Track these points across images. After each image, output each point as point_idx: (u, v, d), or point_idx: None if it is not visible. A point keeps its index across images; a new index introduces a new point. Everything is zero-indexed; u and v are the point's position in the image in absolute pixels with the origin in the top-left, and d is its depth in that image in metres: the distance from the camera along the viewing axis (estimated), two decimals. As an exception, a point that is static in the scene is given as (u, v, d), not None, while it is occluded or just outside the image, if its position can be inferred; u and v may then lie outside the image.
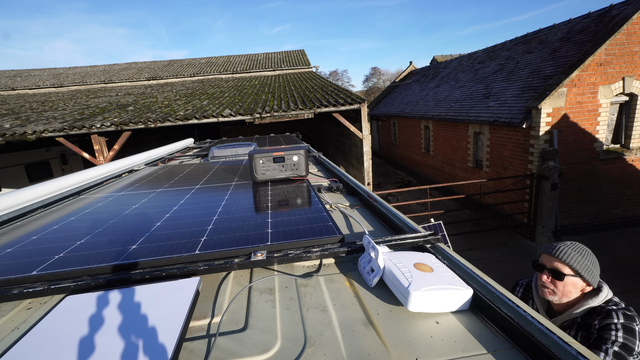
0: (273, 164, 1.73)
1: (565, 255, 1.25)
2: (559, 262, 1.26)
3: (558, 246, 1.29)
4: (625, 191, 6.76)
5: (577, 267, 1.24)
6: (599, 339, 1.15)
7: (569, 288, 1.26)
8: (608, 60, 6.19)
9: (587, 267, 1.26)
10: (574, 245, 1.29)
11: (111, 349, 0.58)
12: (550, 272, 1.28)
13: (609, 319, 1.16)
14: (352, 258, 0.95)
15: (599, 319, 1.19)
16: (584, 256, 1.27)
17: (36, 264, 0.89)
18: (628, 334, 1.11)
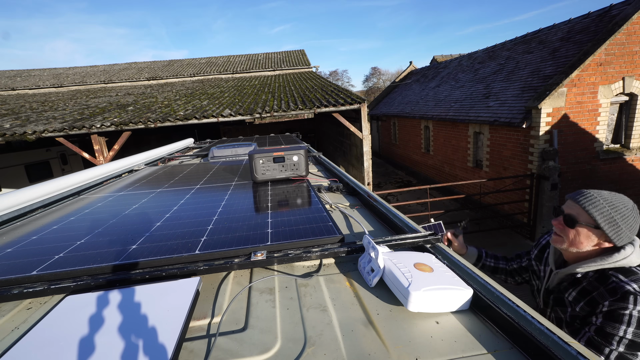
0: (273, 164, 1.73)
1: (588, 202, 1.08)
2: (577, 208, 1.10)
3: (585, 192, 1.12)
4: (625, 191, 6.75)
5: (597, 217, 1.05)
6: (602, 332, 0.98)
7: (580, 238, 1.09)
8: (608, 60, 6.19)
9: (613, 219, 1.05)
10: (611, 194, 1.10)
11: (111, 349, 0.58)
12: (564, 217, 1.12)
13: (622, 303, 0.95)
14: (352, 258, 0.95)
15: (610, 300, 0.99)
16: (615, 208, 1.06)
17: (36, 264, 0.89)
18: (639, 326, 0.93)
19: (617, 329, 0.95)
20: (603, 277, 1.06)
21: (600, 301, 1.01)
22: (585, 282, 1.09)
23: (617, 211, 1.06)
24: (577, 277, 1.11)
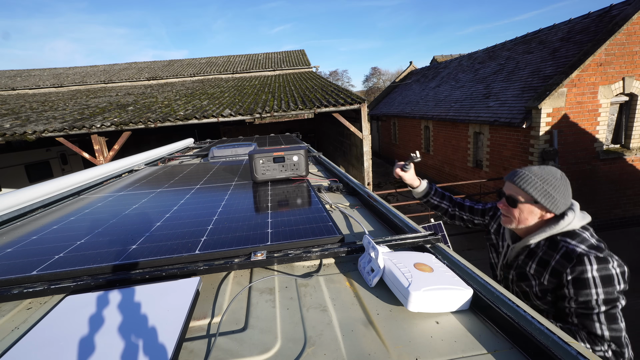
0: (273, 164, 1.73)
1: (522, 181, 1.16)
2: (515, 188, 1.19)
3: (518, 172, 1.21)
4: (625, 191, 6.76)
5: (533, 193, 1.14)
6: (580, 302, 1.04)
7: (524, 215, 1.18)
8: (608, 60, 6.19)
9: (546, 192, 1.15)
10: (540, 168, 1.19)
11: (111, 349, 0.58)
12: (506, 199, 1.21)
13: (580, 267, 1.04)
14: (352, 258, 0.95)
15: (570, 267, 1.06)
16: (546, 181, 1.15)
17: (36, 264, 0.89)
18: (607, 285, 1.02)
19: (590, 294, 1.03)
20: (553, 244, 1.14)
21: (562, 270, 1.08)
22: (541, 252, 1.17)
23: (548, 184, 1.15)
24: (531, 248, 1.19)
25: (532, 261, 1.19)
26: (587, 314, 1.05)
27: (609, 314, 1.03)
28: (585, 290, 1.03)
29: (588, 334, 1.05)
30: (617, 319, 1.04)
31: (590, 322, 1.05)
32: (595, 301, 1.03)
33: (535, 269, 1.17)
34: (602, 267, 1.03)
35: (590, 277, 1.03)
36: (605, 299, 1.02)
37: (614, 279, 1.03)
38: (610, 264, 1.04)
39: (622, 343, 1.02)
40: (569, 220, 1.15)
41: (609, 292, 1.02)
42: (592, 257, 1.04)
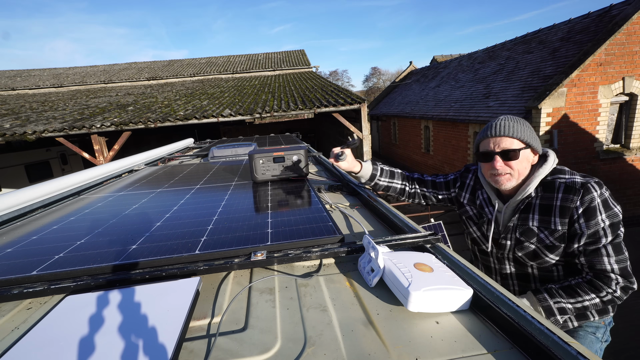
0: (273, 164, 1.73)
1: (510, 128, 1.09)
2: (507, 139, 1.10)
3: (498, 124, 1.12)
4: (625, 191, 6.76)
5: (525, 137, 1.10)
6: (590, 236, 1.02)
7: (523, 164, 1.12)
8: (608, 60, 6.19)
9: (531, 133, 1.12)
10: (508, 116, 1.14)
11: (111, 349, 0.58)
12: (501, 155, 1.11)
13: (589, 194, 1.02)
14: (352, 258, 0.95)
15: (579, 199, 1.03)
16: (523, 124, 1.12)
17: (36, 264, 0.89)
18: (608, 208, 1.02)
19: (598, 222, 1.02)
20: (549, 185, 1.11)
21: (571, 205, 1.04)
22: (538, 199, 1.12)
23: (526, 126, 1.13)
24: (526, 200, 1.13)
25: (531, 213, 1.12)
26: (596, 250, 1.03)
27: (615, 244, 1.02)
28: (594, 219, 1.02)
29: (596, 275, 1.03)
30: (622, 248, 1.02)
31: (599, 258, 1.03)
32: (602, 230, 1.02)
33: (539, 219, 1.11)
34: (601, 193, 1.03)
35: (597, 204, 1.02)
36: (610, 224, 1.01)
37: (609, 202, 1.03)
38: (603, 187, 1.05)
39: (628, 273, 1.01)
40: (553, 157, 1.15)
41: (611, 216, 1.02)
42: (593, 183, 1.04)
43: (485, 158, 1.16)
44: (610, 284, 1.01)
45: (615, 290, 1.01)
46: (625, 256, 1.02)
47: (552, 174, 1.13)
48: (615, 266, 1.01)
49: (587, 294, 1.02)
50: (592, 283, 1.03)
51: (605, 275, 1.02)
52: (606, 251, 1.02)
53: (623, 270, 1.01)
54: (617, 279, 1.01)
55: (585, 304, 1.03)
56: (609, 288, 1.01)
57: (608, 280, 1.01)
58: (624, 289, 1.01)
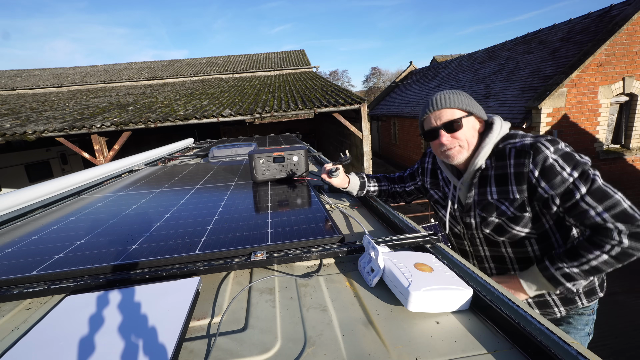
0: (273, 164, 1.73)
1: (447, 100, 1.08)
2: (447, 111, 1.07)
3: (435, 98, 1.10)
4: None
5: (464, 105, 1.07)
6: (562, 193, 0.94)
7: (470, 133, 1.09)
8: (608, 61, 6.19)
9: (470, 101, 1.09)
10: (445, 91, 1.12)
11: (111, 349, 0.58)
12: (445, 129, 1.09)
13: (540, 153, 0.96)
14: (352, 258, 0.95)
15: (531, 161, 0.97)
16: (460, 93, 1.10)
17: (36, 264, 0.89)
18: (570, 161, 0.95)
19: (564, 179, 0.94)
20: (500, 154, 1.05)
21: (525, 169, 0.99)
22: (492, 170, 1.07)
23: (462, 95, 1.10)
24: (482, 174, 1.09)
25: (489, 186, 1.07)
26: (574, 205, 0.94)
27: (594, 192, 0.92)
28: (557, 177, 0.95)
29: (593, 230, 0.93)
30: (606, 192, 0.92)
31: (583, 213, 0.93)
32: (572, 184, 0.94)
33: (497, 191, 1.06)
34: (557, 148, 0.97)
35: (553, 161, 0.95)
36: (579, 175, 0.94)
37: (573, 155, 0.97)
38: (560, 144, 0.98)
39: (628, 216, 0.88)
40: (500, 122, 1.10)
41: (577, 167, 0.95)
42: (544, 142, 0.98)
43: (432, 136, 1.13)
44: (611, 235, 0.89)
45: (621, 241, 0.88)
46: (614, 199, 0.91)
47: (504, 140, 1.07)
48: (605, 215, 0.90)
49: (591, 253, 0.92)
50: (592, 239, 0.93)
51: (602, 228, 0.90)
52: (586, 204, 0.92)
53: (619, 216, 0.89)
54: (618, 227, 0.88)
55: (592, 263, 0.92)
56: (612, 240, 0.89)
57: (607, 231, 0.90)
58: (633, 236, 0.87)
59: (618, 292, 4.68)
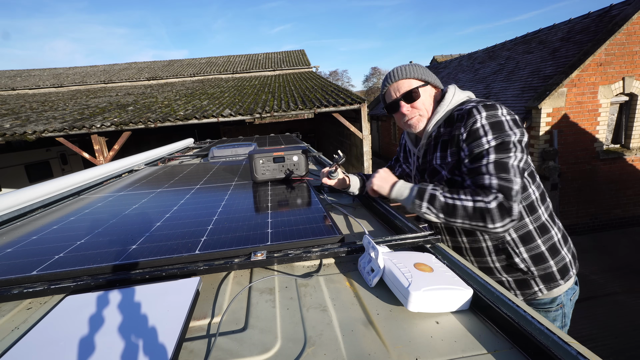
0: (273, 164, 1.73)
1: (404, 71, 1.12)
2: (403, 82, 1.13)
3: (394, 71, 1.15)
4: (625, 191, 6.76)
5: (420, 75, 1.12)
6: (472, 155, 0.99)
7: (428, 101, 1.13)
8: (608, 60, 6.19)
9: (425, 71, 1.14)
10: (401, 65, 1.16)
11: (111, 349, 0.58)
12: (405, 99, 1.13)
13: (472, 117, 0.99)
14: (352, 258, 0.95)
15: (463, 124, 1.01)
16: (415, 65, 1.15)
17: (36, 264, 0.89)
18: (497, 130, 0.97)
19: (481, 143, 0.98)
20: (449, 120, 1.09)
21: (457, 132, 1.03)
22: (442, 137, 1.10)
23: (417, 66, 1.14)
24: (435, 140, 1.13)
25: (436, 152, 1.12)
26: (477, 167, 0.99)
27: (499, 163, 0.96)
28: (477, 140, 0.98)
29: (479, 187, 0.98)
30: (508, 169, 0.95)
31: (480, 176, 0.98)
32: (486, 151, 0.97)
33: (440, 156, 1.11)
34: (491, 114, 0.98)
35: (480, 126, 0.98)
36: (497, 145, 0.96)
37: (504, 124, 0.98)
38: (498, 111, 1.00)
39: (511, 195, 0.93)
40: (453, 90, 1.13)
41: (499, 137, 0.97)
42: (479, 106, 1.00)
43: (393, 108, 1.18)
44: (488, 194, 0.94)
45: (490, 202, 0.93)
46: (511, 178, 0.94)
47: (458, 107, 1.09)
48: (495, 181, 0.95)
49: (464, 195, 0.97)
50: (474, 190, 0.98)
51: (486, 187, 0.96)
52: (487, 169, 0.96)
53: (503, 188, 0.93)
54: (497, 194, 0.93)
55: (456, 202, 0.97)
56: (486, 198, 0.94)
57: (487, 191, 0.95)
58: (500, 207, 0.93)
59: (618, 292, 4.68)
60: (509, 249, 1.09)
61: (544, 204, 1.11)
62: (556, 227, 1.13)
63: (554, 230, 1.12)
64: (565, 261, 1.12)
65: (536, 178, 1.12)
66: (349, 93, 8.33)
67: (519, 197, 0.95)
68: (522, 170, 0.98)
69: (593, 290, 4.79)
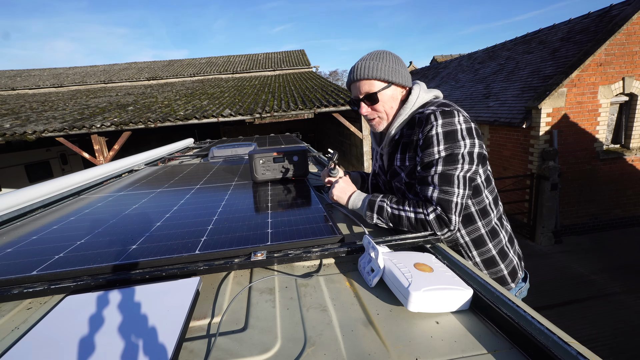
0: (273, 164, 1.73)
1: (367, 70, 1.05)
2: (364, 83, 1.07)
3: (355, 68, 1.08)
4: (625, 191, 6.76)
5: (384, 75, 1.05)
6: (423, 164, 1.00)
7: (388, 104, 1.09)
8: (608, 61, 6.19)
9: (392, 68, 1.06)
10: (371, 54, 1.09)
11: (111, 349, 0.58)
12: (365, 101, 1.09)
13: (429, 124, 0.98)
14: (352, 258, 0.95)
15: (420, 131, 1.00)
16: (383, 59, 1.07)
17: (36, 264, 0.89)
18: (449, 140, 0.96)
19: (432, 152, 0.98)
20: (411, 122, 1.07)
21: (415, 138, 1.03)
22: (403, 138, 1.09)
23: (387, 60, 1.07)
24: (397, 141, 1.11)
25: (397, 153, 1.11)
26: (425, 177, 1.00)
27: (444, 175, 0.97)
28: (429, 149, 0.98)
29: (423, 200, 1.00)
30: (452, 181, 0.96)
31: (425, 186, 1.00)
32: (435, 161, 0.98)
33: (400, 158, 1.10)
34: (447, 122, 0.97)
35: (434, 134, 0.97)
36: (446, 156, 0.96)
37: (457, 134, 0.96)
38: (455, 118, 0.97)
39: (449, 208, 0.95)
40: (417, 91, 1.09)
41: (449, 148, 0.96)
42: (437, 113, 0.98)
43: (355, 104, 1.15)
44: (427, 207, 0.97)
45: (428, 214, 0.96)
46: (452, 190, 0.96)
47: (422, 108, 1.07)
48: (435, 195, 0.97)
49: (407, 207, 1.00)
50: (416, 202, 1.01)
51: (427, 199, 0.99)
52: (432, 180, 0.98)
53: (442, 201, 0.96)
54: (436, 207, 0.96)
55: (401, 213, 1.00)
56: (425, 210, 0.97)
57: (428, 203, 0.98)
58: (438, 219, 0.96)
59: (618, 292, 4.68)
60: (462, 251, 1.11)
61: (496, 208, 1.12)
62: (504, 229, 1.14)
63: (502, 233, 1.12)
64: (514, 263, 1.14)
65: (491, 182, 1.11)
66: (349, 93, 8.33)
67: (459, 209, 0.97)
68: (470, 179, 0.99)
69: (593, 290, 4.79)
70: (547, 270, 5.50)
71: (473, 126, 0.99)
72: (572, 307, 4.46)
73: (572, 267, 5.53)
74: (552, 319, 0.63)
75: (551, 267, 5.59)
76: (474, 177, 1.01)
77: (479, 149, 0.99)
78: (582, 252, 5.99)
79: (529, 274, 1.25)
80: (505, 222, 1.17)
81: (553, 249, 6.21)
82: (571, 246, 6.26)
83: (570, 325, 4.07)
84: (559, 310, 4.42)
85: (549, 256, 5.97)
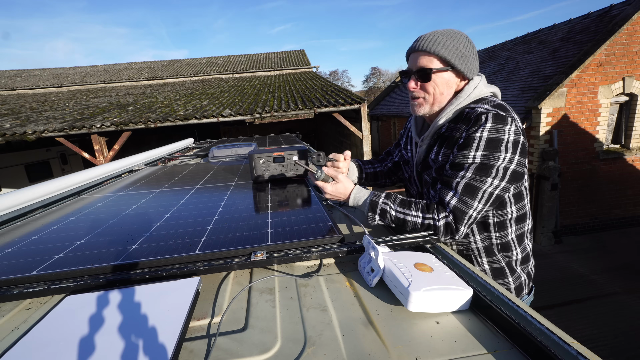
0: (273, 164, 1.73)
1: (429, 42, 0.94)
2: (424, 56, 0.96)
3: (423, 36, 0.97)
4: (625, 191, 6.76)
5: (447, 55, 0.93)
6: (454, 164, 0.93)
7: (440, 89, 0.98)
8: (608, 61, 6.19)
9: (460, 52, 0.94)
10: (446, 30, 0.97)
11: (111, 349, 0.58)
12: (417, 75, 0.98)
13: (476, 125, 0.89)
14: (352, 258, 0.95)
15: (466, 130, 0.92)
16: (456, 39, 0.95)
17: (36, 264, 0.89)
18: (490, 149, 0.88)
19: (467, 155, 0.91)
20: (459, 117, 0.98)
21: (458, 135, 0.94)
22: (446, 131, 1.00)
23: (459, 42, 0.96)
24: (442, 134, 1.02)
25: (437, 147, 1.02)
26: (449, 180, 0.93)
27: (470, 185, 0.89)
28: (466, 150, 0.90)
29: (438, 203, 0.94)
30: (475, 194, 0.89)
31: (446, 190, 0.93)
32: (467, 166, 0.90)
33: (436, 152, 1.02)
34: (496, 128, 0.88)
35: (478, 137, 0.89)
36: (480, 164, 0.89)
37: (502, 144, 0.88)
38: (506, 127, 0.88)
39: (462, 219, 0.90)
40: (473, 85, 0.98)
41: (486, 157, 0.88)
42: (490, 115, 0.89)
43: (405, 75, 1.03)
44: (439, 212, 0.92)
45: (438, 220, 0.92)
46: (473, 204, 0.89)
47: (475, 103, 0.98)
48: (452, 202, 0.91)
49: (415, 211, 0.94)
50: (428, 205, 0.95)
51: (443, 203, 0.93)
52: (455, 186, 0.91)
53: (457, 211, 0.90)
54: (448, 216, 0.91)
55: (407, 218, 0.95)
56: (436, 215, 0.92)
57: (440, 207, 0.93)
58: (447, 226, 0.92)
59: (618, 292, 4.68)
60: (472, 256, 1.08)
61: (517, 224, 1.06)
62: (520, 247, 1.09)
63: (516, 250, 1.08)
64: (521, 280, 1.12)
65: (522, 199, 1.03)
66: (349, 93, 8.33)
67: (471, 222, 0.93)
68: (497, 196, 0.93)
69: (593, 290, 4.79)
70: (547, 270, 5.50)
71: (521, 140, 0.91)
72: (572, 307, 4.46)
73: (572, 267, 5.53)
74: (552, 319, 0.63)
75: (551, 267, 5.59)
76: (501, 195, 0.94)
77: (516, 166, 0.91)
78: (582, 252, 6.00)
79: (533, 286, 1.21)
80: (527, 241, 1.11)
81: (553, 249, 6.21)
82: (571, 246, 6.26)
83: (570, 325, 4.07)
84: (559, 310, 4.43)
85: (549, 256, 5.98)
